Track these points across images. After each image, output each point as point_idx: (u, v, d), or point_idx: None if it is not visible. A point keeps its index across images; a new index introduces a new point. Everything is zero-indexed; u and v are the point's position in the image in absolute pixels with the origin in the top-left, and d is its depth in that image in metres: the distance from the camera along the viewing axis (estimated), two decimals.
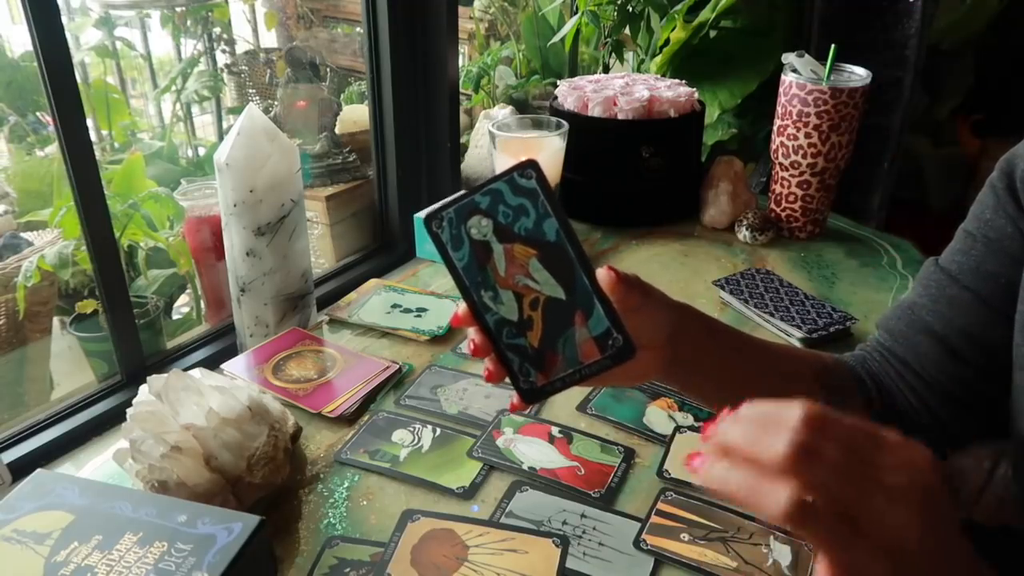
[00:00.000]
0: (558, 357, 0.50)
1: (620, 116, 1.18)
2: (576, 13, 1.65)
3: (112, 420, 0.87)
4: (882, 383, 0.66)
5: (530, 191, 0.47)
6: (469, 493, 0.69)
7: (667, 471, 0.72)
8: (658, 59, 1.56)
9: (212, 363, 0.89)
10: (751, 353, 0.65)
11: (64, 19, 0.77)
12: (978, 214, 0.62)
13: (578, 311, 0.48)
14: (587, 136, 1.18)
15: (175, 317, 1.41)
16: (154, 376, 0.68)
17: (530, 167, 0.47)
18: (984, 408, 0.64)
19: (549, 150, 1.15)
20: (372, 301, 1.00)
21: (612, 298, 0.50)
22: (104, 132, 1.92)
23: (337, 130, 1.34)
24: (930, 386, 0.64)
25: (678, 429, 0.77)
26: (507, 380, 0.51)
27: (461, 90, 1.51)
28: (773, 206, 1.21)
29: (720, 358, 0.62)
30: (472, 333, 0.52)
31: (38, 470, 0.59)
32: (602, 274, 0.51)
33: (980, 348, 0.61)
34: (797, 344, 0.92)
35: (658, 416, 0.79)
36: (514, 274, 0.49)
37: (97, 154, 1.41)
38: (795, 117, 1.10)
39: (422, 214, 1.12)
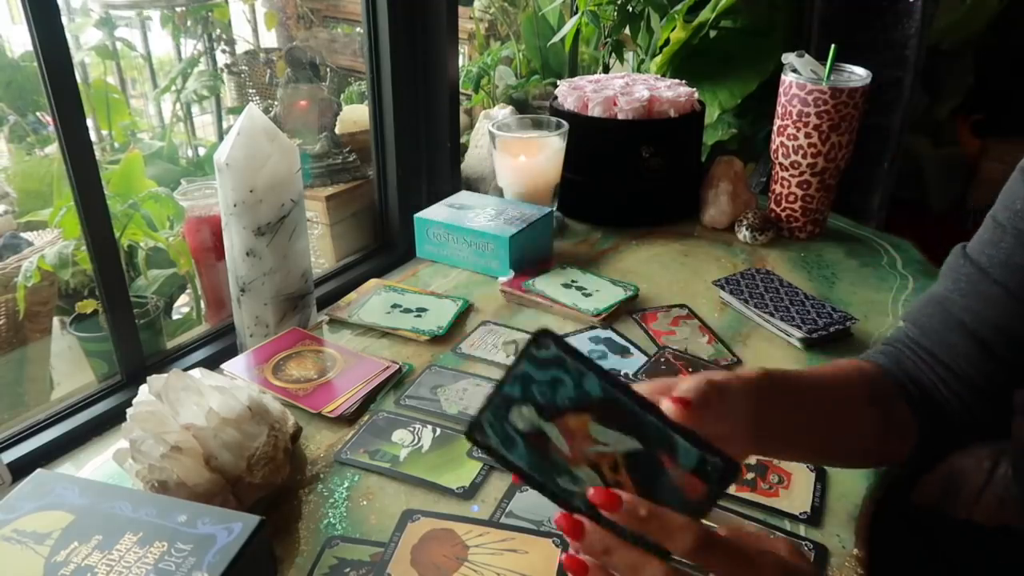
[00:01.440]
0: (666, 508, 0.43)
1: (620, 116, 1.18)
2: (576, 13, 1.65)
3: (112, 420, 0.87)
4: (919, 381, 0.65)
5: (555, 360, 0.43)
6: (469, 493, 0.69)
7: None
8: (658, 59, 1.56)
9: (212, 363, 0.89)
10: (813, 397, 0.60)
11: (64, 19, 0.77)
12: (1008, 203, 0.61)
13: (662, 453, 0.43)
14: (587, 136, 1.18)
15: (175, 317, 1.41)
16: (154, 376, 0.68)
17: (543, 337, 0.43)
18: (1004, 399, 0.63)
19: (549, 150, 1.15)
20: (372, 301, 1.00)
21: (688, 424, 0.44)
22: (104, 132, 1.92)
23: (337, 130, 1.34)
24: (962, 380, 0.63)
25: None
26: None
27: (461, 90, 1.51)
28: (773, 206, 1.21)
29: (796, 417, 0.58)
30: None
31: (38, 470, 0.59)
32: (668, 408, 0.47)
33: (1012, 342, 0.61)
34: (797, 344, 0.92)
35: None
36: (580, 447, 0.44)
37: (97, 154, 1.41)
38: (795, 117, 1.10)
39: (422, 214, 1.12)
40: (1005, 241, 0.60)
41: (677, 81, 1.28)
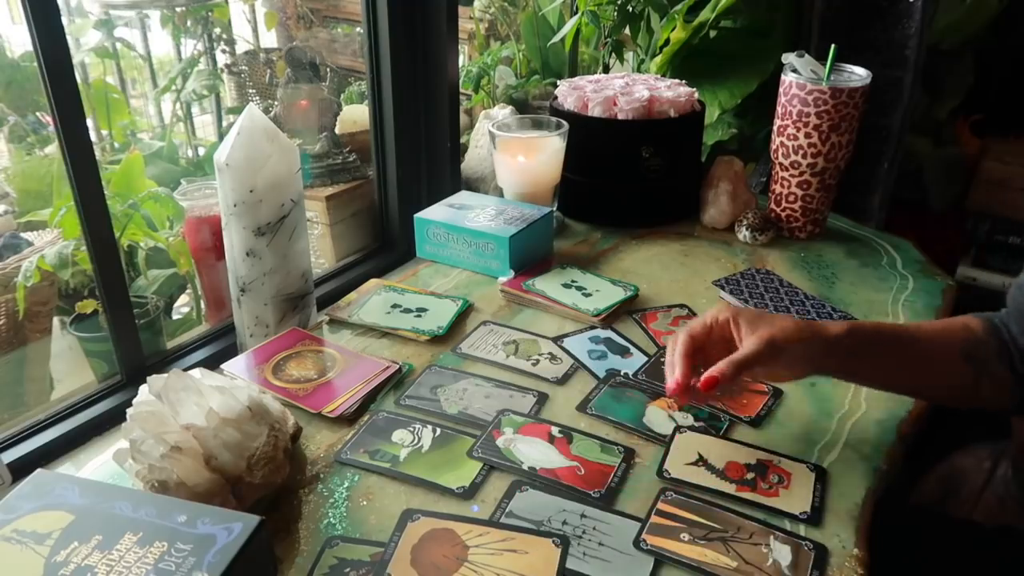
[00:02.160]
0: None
1: (620, 116, 1.18)
2: (576, 13, 1.65)
3: (112, 420, 0.87)
4: (1018, 346, 0.72)
5: None
6: (469, 493, 0.69)
7: (667, 471, 0.72)
8: (658, 59, 1.56)
9: (212, 363, 0.89)
10: (898, 352, 0.72)
11: (64, 20, 0.77)
12: None
13: None
14: (587, 136, 1.18)
15: (175, 317, 1.41)
16: (154, 376, 0.68)
17: None
18: None
19: (549, 150, 1.15)
20: (372, 301, 1.00)
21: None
22: (104, 132, 1.92)
23: (337, 130, 1.34)
24: None
25: (678, 429, 0.77)
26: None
27: (461, 90, 1.51)
28: (773, 206, 1.21)
29: (873, 370, 0.73)
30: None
31: (38, 470, 0.59)
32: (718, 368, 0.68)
33: None
34: None
35: (658, 416, 0.79)
36: None
37: (97, 154, 1.41)
38: (795, 117, 1.10)
39: (422, 214, 1.12)
40: None
41: (677, 81, 1.28)
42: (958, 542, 0.79)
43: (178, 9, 1.98)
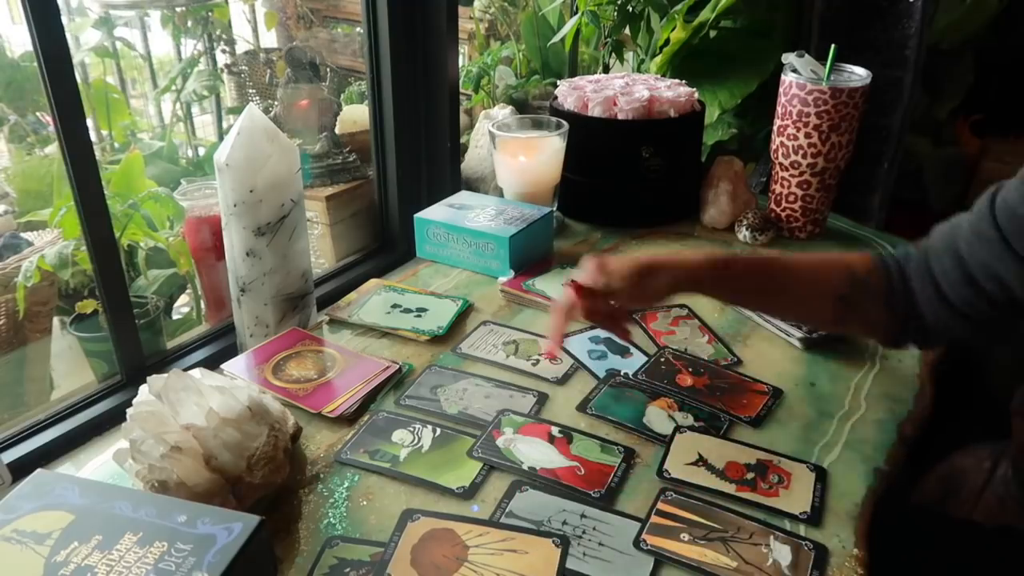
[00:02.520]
0: None
1: (620, 116, 1.18)
2: (576, 13, 1.65)
3: (112, 420, 0.87)
4: (912, 288, 0.74)
5: None
6: (469, 493, 0.69)
7: (667, 471, 0.72)
8: (658, 59, 1.56)
9: (212, 363, 0.89)
10: (766, 288, 0.77)
11: (64, 19, 0.77)
12: None
13: None
14: (587, 136, 1.18)
15: (175, 317, 1.41)
16: (154, 376, 0.68)
17: None
18: (990, 327, 0.72)
19: (549, 150, 1.15)
20: (372, 301, 1.00)
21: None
22: (104, 132, 1.92)
23: (337, 130, 1.34)
24: (944, 298, 0.71)
25: (678, 429, 0.77)
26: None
27: (461, 90, 1.51)
28: (773, 206, 1.21)
29: (738, 297, 0.80)
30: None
31: (38, 470, 0.59)
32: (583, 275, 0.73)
33: (994, 280, 0.66)
34: (797, 344, 0.92)
35: (658, 416, 0.79)
36: None
37: (97, 154, 1.40)
38: (795, 117, 1.10)
39: (422, 214, 1.12)
40: (1020, 191, 0.65)
41: (677, 81, 1.28)
42: (958, 542, 0.79)
43: (178, 9, 1.98)
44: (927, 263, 0.73)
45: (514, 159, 1.15)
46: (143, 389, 0.69)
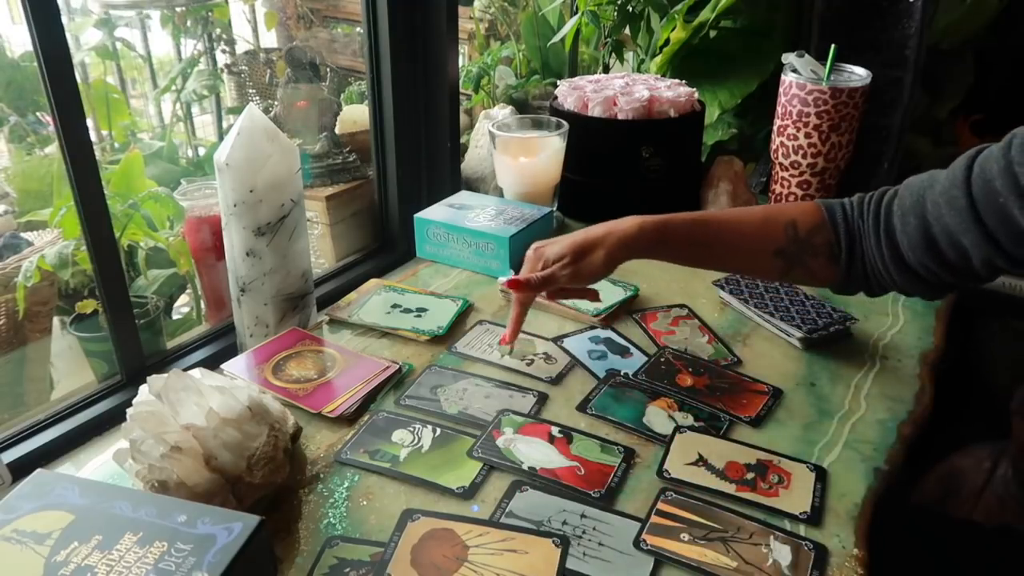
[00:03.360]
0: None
1: (620, 116, 1.18)
2: (576, 13, 1.65)
3: (112, 420, 0.87)
4: (860, 241, 0.74)
5: None
6: (469, 493, 0.69)
7: (667, 471, 0.72)
8: (658, 59, 1.56)
9: (212, 363, 0.89)
10: (711, 251, 0.78)
11: (64, 19, 0.77)
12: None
13: None
14: (587, 136, 1.18)
15: (175, 317, 1.41)
16: (154, 376, 0.68)
17: None
18: (938, 286, 0.72)
19: (549, 150, 1.15)
20: (372, 301, 1.00)
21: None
22: (104, 132, 1.92)
23: (337, 130, 1.34)
24: (902, 260, 0.71)
25: (678, 429, 0.77)
26: None
27: (461, 90, 1.51)
28: None
29: (671, 258, 0.79)
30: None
31: (38, 470, 0.59)
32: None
33: (955, 248, 0.66)
34: (797, 344, 0.92)
35: (658, 416, 0.79)
36: None
37: (97, 154, 1.40)
38: (795, 117, 1.10)
39: (422, 214, 1.12)
40: (1000, 162, 0.63)
41: (677, 81, 1.28)
42: (958, 542, 0.79)
43: (178, 9, 1.98)
44: (889, 218, 0.72)
45: (514, 159, 1.15)
46: (143, 389, 0.69)
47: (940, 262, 0.68)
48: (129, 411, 0.66)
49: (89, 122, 0.87)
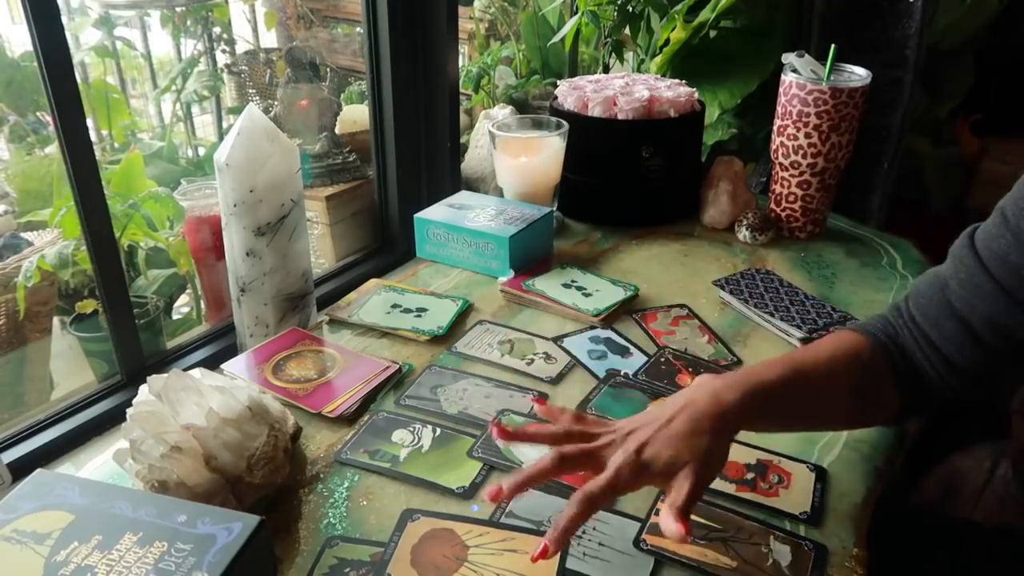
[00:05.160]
0: None
1: (620, 116, 1.18)
2: (576, 13, 1.65)
3: (112, 420, 0.87)
4: (910, 358, 0.68)
5: None
6: (469, 493, 0.69)
7: None
8: (658, 59, 1.56)
9: (212, 363, 0.89)
10: (792, 407, 0.66)
11: (64, 19, 0.77)
12: (1017, 198, 0.62)
13: None
14: (587, 136, 1.18)
15: (175, 317, 1.41)
16: (154, 376, 0.68)
17: None
18: (996, 377, 0.67)
19: (549, 150, 1.15)
20: (372, 301, 1.00)
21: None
22: (104, 132, 1.92)
23: (337, 130, 1.34)
24: (949, 363, 0.66)
25: None
26: None
27: (461, 90, 1.51)
28: (773, 206, 1.21)
29: (771, 425, 0.68)
30: None
31: (38, 470, 0.59)
32: (671, 530, 0.56)
33: (999, 333, 0.62)
34: (797, 344, 0.92)
35: None
36: None
37: (97, 154, 1.41)
38: (795, 117, 1.10)
39: (422, 214, 1.12)
40: (1006, 237, 0.61)
41: (677, 81, 1.28)
42: (958, 542, 0.79)
43: (178, 9, 1.98)
44: (923, 332, 0.67)
45: (514, 159, 1.15)
46: (143, 389, 0.69)
47: (991, 353, 0.64)
48: (129, 411, 0.66)
49: (89, 122, 0.87)
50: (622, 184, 1.22)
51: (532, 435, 0.63)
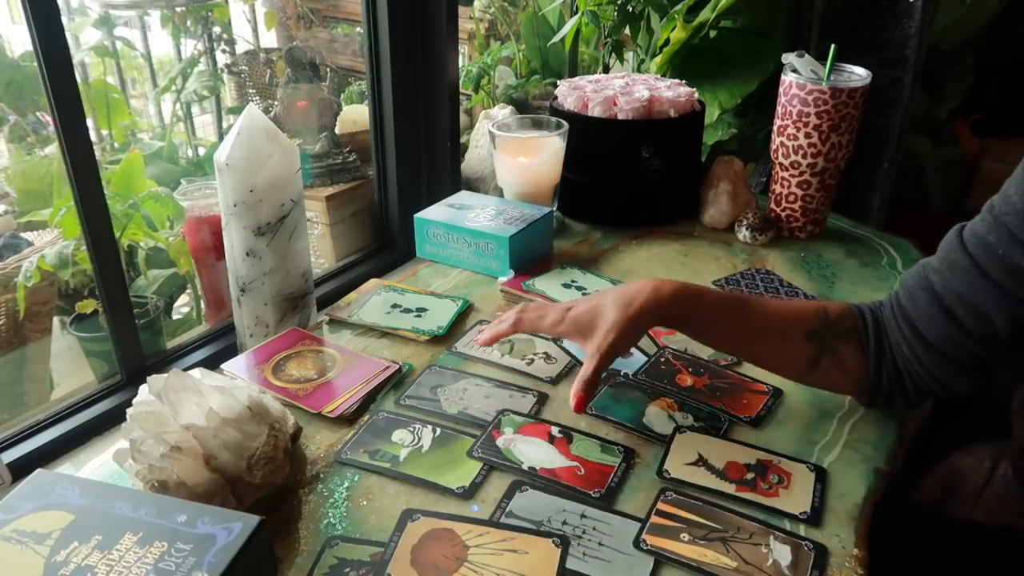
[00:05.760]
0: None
1: (620, 116, 1.18)
2: (576, 13, 1.65)
3: (112, 420, 0.87)
4: (886, 332, 0.73)
5: None
6: (469, 493, 0.69)
7: (667, 471, 0.72)
8: (658, 59, 1.56)
9: (212, 363, 0.89)
10: (742, 326, 0.76)
11: (64, 19, 0.77)
12: (1005, 190, 0.65)
13: None
14: (587, 136, 1.18)
15: (175, 317, 1.41)
16: (154, 376, 0.68)
17: None
18: (973, 368, 0.70)
19: (549, 150, 1.15)
20: (372, 301, 1.00)
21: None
22: (104, 132, 1.92)
23: (337, 130, 1.34)
24: (922, 337, 0.70)
25: (678, 429, 0.77)
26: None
27: (461, 90, 1.51)
28: (773, 206, 1.21)
29: (697, 333, 0.78)
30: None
31: (38, 470, 0.59)
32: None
33: (973, 312, 0.66)
34: None
35: (658, 416, 0.79)
36: None
37: (97, 154, 1.41)
38: (795, 117, 1.10)
39: (422, 214, 1.12)
40: (987, 220, 0.66)
41: (677, 81, 1.28)
42: (958, 542, 0.79)
43: (178, 9, 1.98)
44: (899, 304, 0.72)
45: (514, 159, 1.15)
46: (143, 389, 0.69)
47: (961, 330, 0.67)
48: (129, 411, 0.66)
49: (89, 122, 0.87)
50: (622, 184, 1.22)
51: (504, 331, 0.79)
